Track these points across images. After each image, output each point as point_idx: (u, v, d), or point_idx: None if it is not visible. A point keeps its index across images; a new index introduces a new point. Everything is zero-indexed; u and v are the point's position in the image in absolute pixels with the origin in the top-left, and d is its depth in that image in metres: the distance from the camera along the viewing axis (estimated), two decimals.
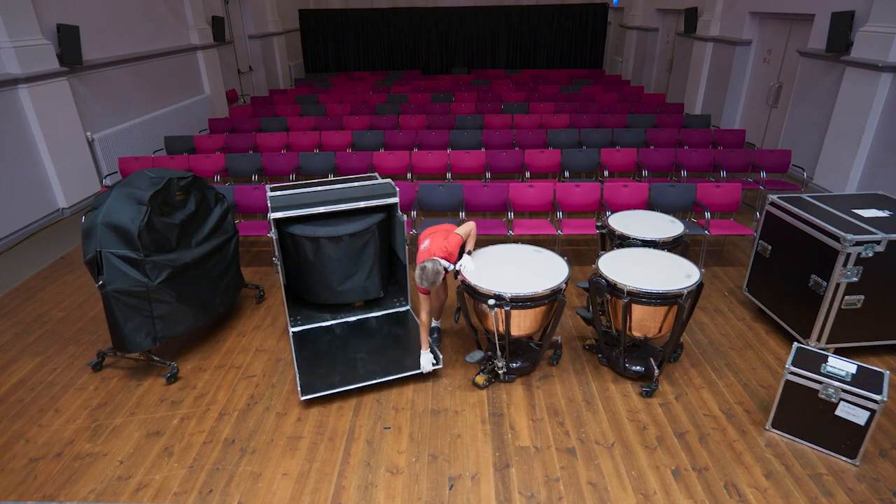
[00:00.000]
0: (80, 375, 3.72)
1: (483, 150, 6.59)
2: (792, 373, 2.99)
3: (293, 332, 3.94)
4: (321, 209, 3.79)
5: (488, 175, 6.36)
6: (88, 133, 6.97)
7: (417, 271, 3.29)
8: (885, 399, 2.76)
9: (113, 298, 3.37)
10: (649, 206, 5.23)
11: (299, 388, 3.37)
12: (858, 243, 3.39)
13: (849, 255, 3.41)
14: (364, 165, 6.38)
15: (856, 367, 2.97)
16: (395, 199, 3.96)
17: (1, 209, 5.73)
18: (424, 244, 3.47)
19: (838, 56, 6.49)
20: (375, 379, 3.46)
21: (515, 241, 4.56)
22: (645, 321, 3.36)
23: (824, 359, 3.03)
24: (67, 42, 6.43)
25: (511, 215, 5.13)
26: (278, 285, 4.89)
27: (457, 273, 3.45)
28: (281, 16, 13.99)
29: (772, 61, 8.43)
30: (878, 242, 3.39)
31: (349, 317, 4.10)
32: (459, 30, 14.32)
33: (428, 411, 3.35)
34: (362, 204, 3.85)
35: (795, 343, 3.20)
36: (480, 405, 3.40)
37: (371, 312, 4.15)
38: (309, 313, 4.14)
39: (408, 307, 4.20)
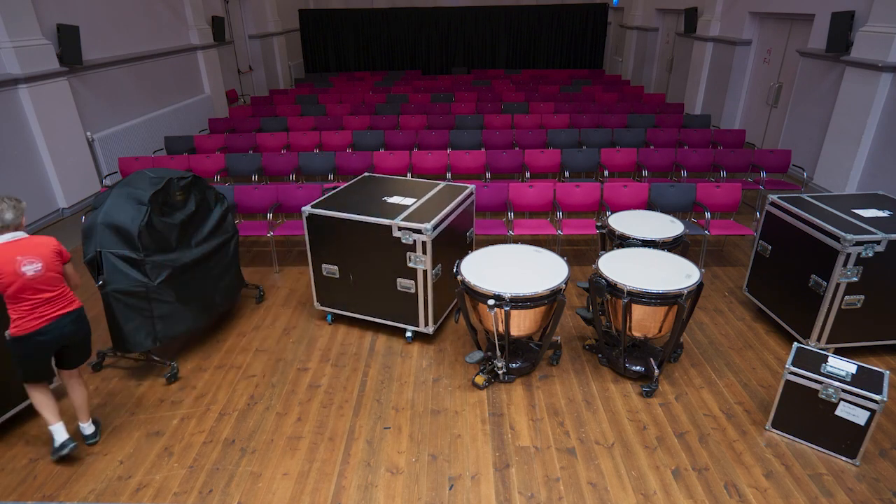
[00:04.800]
0: None
1: (483, 150, 6.59)
2: (792, 373, 2.99)
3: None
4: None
5: (488, 175, 6.36)
6: (88, 133, 6.97)
7: None
8: (885, 399, 2.76)
9: (113, 298, 3.37)
10: (649, 206, 5.23)
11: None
12: (858, 243, 3.39)
13: (849, 255, 3.41)
14: (364, 165, 6.38)
15: (856, 367, 2.97)
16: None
17: None
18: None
19: (838, 56, 6.49)
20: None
21: (515, 241, 4.56)
22: (645, 321, 3.36)
23: (824, 359, 3.03)
24: (67, 42, 6.43)
25: (511, 215, 5.13)
26: (278, 285, 4.89)
27: None
28: (281, 16, 13.99)
29: (772, 61, 8.43)
30: (878, 242, 3.39)
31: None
32: (459, 30, 14.33)
33: (428, 411, 3.35)
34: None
35: (795, 343, 3.20)
36: (480, 405, 3.40)
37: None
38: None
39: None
